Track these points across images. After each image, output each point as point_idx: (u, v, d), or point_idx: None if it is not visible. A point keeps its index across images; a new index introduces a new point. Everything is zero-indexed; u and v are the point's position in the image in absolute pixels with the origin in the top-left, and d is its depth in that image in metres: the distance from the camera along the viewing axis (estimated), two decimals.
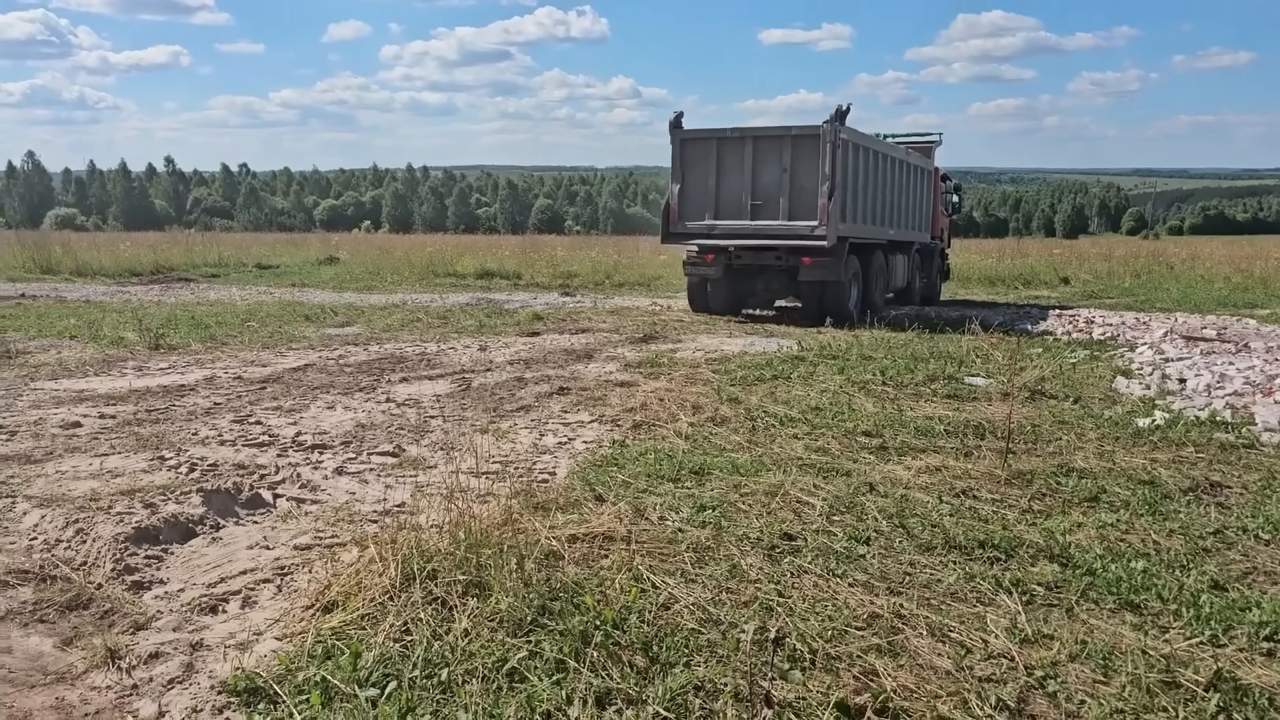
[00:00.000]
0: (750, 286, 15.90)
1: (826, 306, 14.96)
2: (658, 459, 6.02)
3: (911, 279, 19.54)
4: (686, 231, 15.53)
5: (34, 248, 27.70)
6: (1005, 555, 4.35)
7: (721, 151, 15.18)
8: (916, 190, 18.71)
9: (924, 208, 19.49)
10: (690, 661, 3.19)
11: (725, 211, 15.21)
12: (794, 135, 14.71)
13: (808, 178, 14.50)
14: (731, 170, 15.11)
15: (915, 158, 18.72)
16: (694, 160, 15.40)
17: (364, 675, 3.05)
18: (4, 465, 5.77)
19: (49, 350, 10.78)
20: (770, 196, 14.87)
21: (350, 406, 7.79)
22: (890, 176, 16.87)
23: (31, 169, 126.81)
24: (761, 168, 14.91)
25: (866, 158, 15.64)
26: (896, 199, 17.29)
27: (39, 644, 3.46)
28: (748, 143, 15.02)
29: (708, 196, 15.25)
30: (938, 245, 21.22)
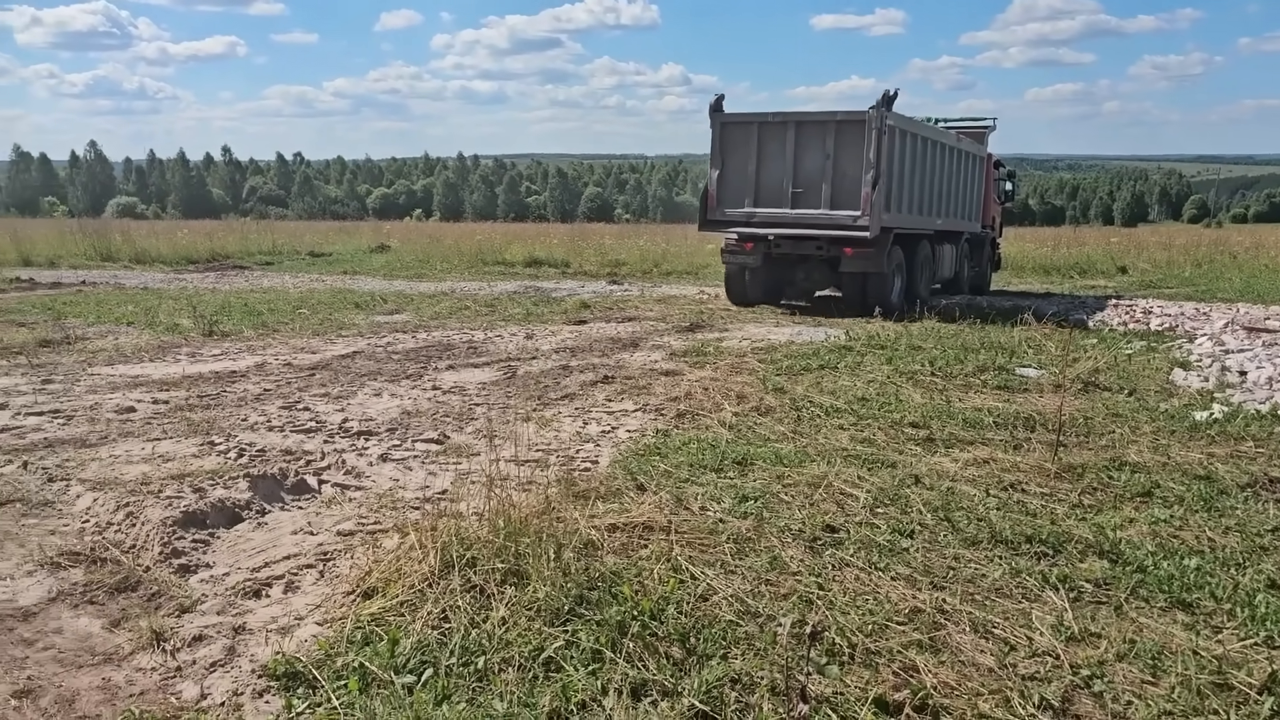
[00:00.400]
0: (790, 276, 15.51)
1: (868, 298, 14.50)
2: (700, 448, 5.99)
3: (960, 269, 18.88)
4: (725, 219, 15.06)
5: (95, 236, 28.32)
6: (1053, 551, 4.26)
7: (763, 136, 14.64)
8: (967, 178, 18.05)
9: (975, 196, 18.80)
10: (727, 654, 3.16)
11: (765, 199, 14.68)
12: (838, 120, 14.19)
13: (851, 165, 13.97)
14: (773, 156, 14.60)
15: (967, 144, 18.04)
16: (734, 145, 14.89)
17: (401, 662, 3.07)
18: (60, 449, 5.91)
19: (107, 336, 11.02)
20: (812, 184, 14.32)
21: (396, 394, 7.86)
22: (939, 164, 16.27)
23: (94, 158, 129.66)
24: (804, 154, 14.37)
25: (914, 145, 15.08)
26: (946, 187, 16.70)
27: (88, 625, 3.53)
28: (790, 128, 14.48)
29: (747, 183, 14.75)
30: (988, 234, 20.49)
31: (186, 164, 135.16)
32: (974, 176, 18.53)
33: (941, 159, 16.37)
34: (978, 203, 19.03)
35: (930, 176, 15.81)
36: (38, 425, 6.53)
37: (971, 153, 18.16)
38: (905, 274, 15.52)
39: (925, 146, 15.55)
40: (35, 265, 24.48)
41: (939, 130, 16.93)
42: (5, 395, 7.52)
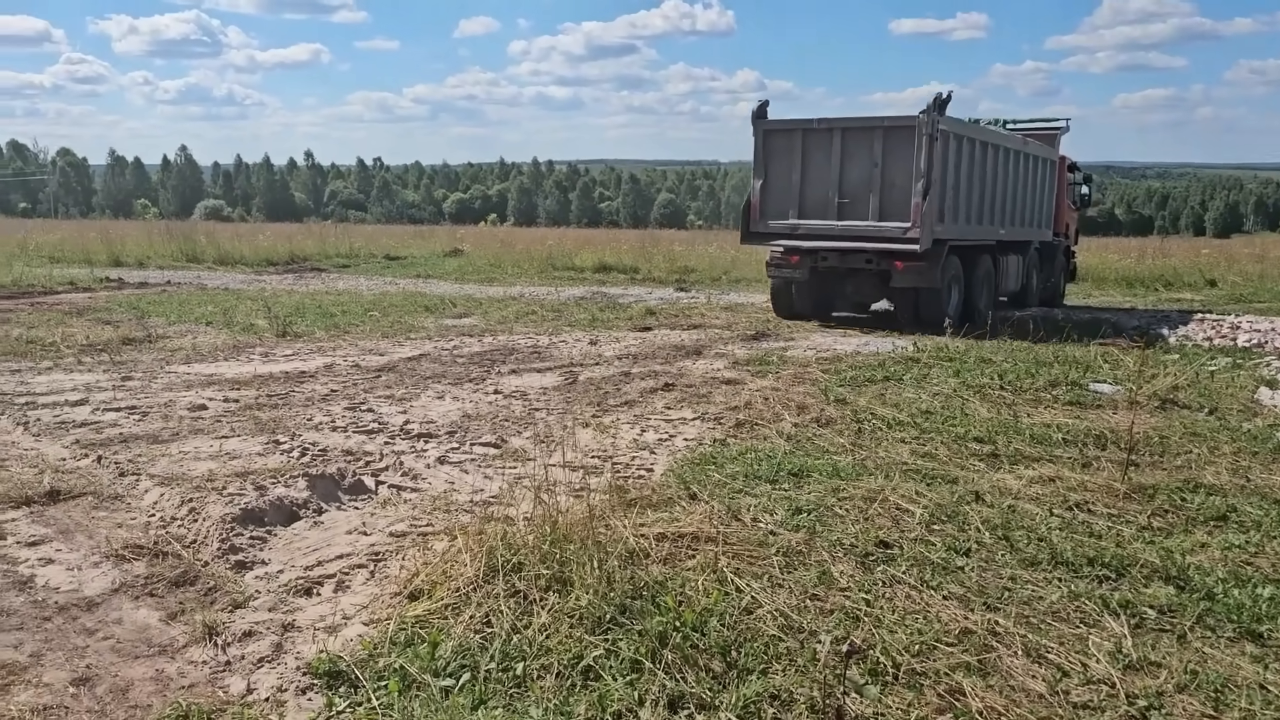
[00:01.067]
0: (839, 290, 14.78)
1: (921, 314, 13.81)
2: (757, 459, 5.94)
3: (1028, 281, 17.78)
4: (768, 231, 14.39)
5: (181, 238, 29.24)
6: (1116, 574, 4.12)
7: (807, 144, 13.91)
8: (1036, 183, 17.03)
9: (1044, 202, 17.69)
10: (768, 669, 3.12)
11: (810, 210, 13.97)
12: (886, 126, 13.42)
13: (901, 174, 13.17)
14: (818, 165, 13.84)
15: (1035, 147, 16.98)
16: (778, 153, 14.19)
17: (441, 665, 3.10)
18: (134, 444, 6.10)
19: (185, 335, 11.36)
20: (859, 194, 13.56)
21: (459, 397, 7.95)
22: (1002, 170, 15.34)
23: (184, 163, 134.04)
24: (850, 162, 13.61)
25: (971, 150, 14.22)
26: (1010, 194, 15.77)
27: (146, 617, 3.63)
28: (836, 134, 13.73)
29: (791, 193, 14.04)
30: (1061, 243, 19.41)
31: (271, 168, 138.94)
32: (1044, 181, 17.50)
33: (1004, 164, 15.48)
34: (1048, 209, 18.04)
35: (991, 183, 15.01)
36: (114, 421, 6.76)
37: (1040, 156, 17.22)
38: (963, 288, 14.75)
39: (984, 151, 14.72)
40: (125, 265, 25.36)
41: (1001, 133, 16.16)
42: (87, 391, 7.80)
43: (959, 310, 14.39)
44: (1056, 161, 18.22)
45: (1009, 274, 16.65)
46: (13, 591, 3.85)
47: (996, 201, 15.21)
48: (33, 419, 6.78)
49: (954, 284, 14.39)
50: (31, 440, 6.27)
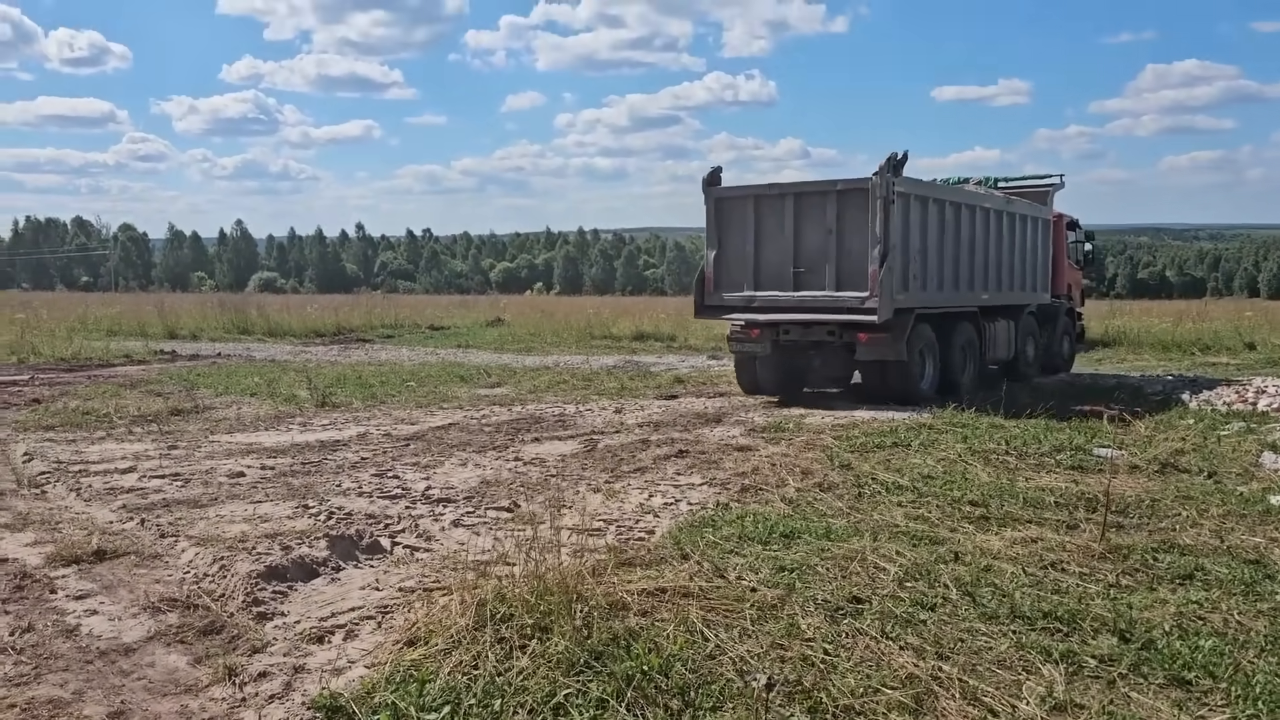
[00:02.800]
0: (805, 364, 14.12)
1: (891, 388, 13.11)
2: (754, 522, 6.28)
3: (1021, 348, 16.56)
4: (723, 304, 13.63)
5: (233, 311, 30.41)
6: (1067, 627, 4.40)
7: (760, 211, 13.29)
8: (1025, 243, 16.17)
9: (1038, 263, 16.80)
10: (719, 707, 3.47)
11: (766, 280, 13.26)
12: (839, 190, 12.74)
13: (857, 240, 12.51)
14: (772, 233, 13.20)
15: (1021, 205, 16.18)
16: (731, 222, 13.54)
17: (428, 701, 3.49)
18: (175, 508, 6.62)
19: (231, 406, 12.00)
20: (815, 263, 12.87)
21: (480, 464, 8.40)
22: (980, 231, 14.60)
23: (239, 236, 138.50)
24: (805, 229, 12.95)
25: (940, 212, 13.53)
26: (993, 256, 15.00)
27: (175, 661, 4.08)
28: (788, 200, 13.07)
29: (746, 263, 13.36)
30: (1063, 305, 18.40)
31: (323, 240, 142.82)
32: (1035, 241, 16.64)
33: (983, 225, 14.71)
34: (1043, 270, 17.10)
35: (968, 246, 14.26)
36: (159, 487, 7.30)
37: (1028, 215, 16.36)
38: (938, 358, 13.80)
39: (955, 213, 13.98)
40: (179, 338, 26.42)
41: (974, 193, 15.39)
42: (135, 459, 8.37)
43: (934, 382, 13.70)
44: (1050, 220, 17.47)
45: (998, 341, 15.62)
46: (60, 638, 4.33)
47: (976, 265, 14.55)
48: (84, 485, 7.34)
49: (927, 354, 13.63)
50: (83, 505, 6.81)
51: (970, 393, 13.81)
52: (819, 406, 12.62)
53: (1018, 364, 16.32)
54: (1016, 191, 17.09)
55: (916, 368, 13.18)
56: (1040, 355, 17.34)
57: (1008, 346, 15.95)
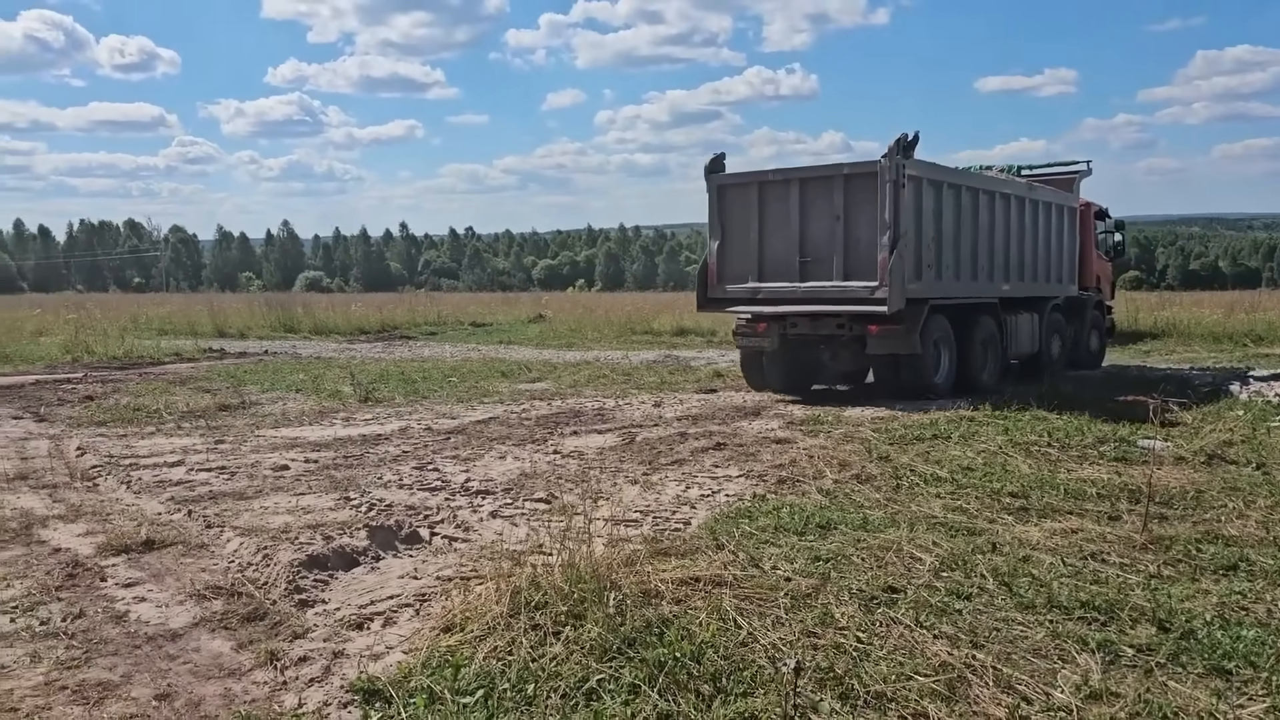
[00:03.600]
0: (814, 359, 13.43)
1: (904, 384, 12.46)
2: (790, 513, 6.28)
3: (1046, 342, 15.62)
4: (726, 296, 13.04)
5: (280, 309, 30.89)
6: (1106, 617, 4.36)
7: (764, 198, 12.63)
8: (1049, 232, 15.38)
9: (1063, 253, 15.96)
10: (750, 693, 3.49)
11: (771, 271, 12.63)
12: (846, 175, 12.08)
13: (865, 227, 11.86)
14: (777, 221, 12.54)
15: (1045, 192, 15.30)
16: (734, 210, 12.92)
17: (463, 685, 3.55)
18: (221, 500, 6.76)
19: (276, 402, 12.21)
20: (822, 251, 12.24)
21: (520, 457, 8.47)
22: (1001, 218, 13.82)
23: (286, 236, 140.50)
24: (811, 217, 12.29)
25: (954, 198, 12.79)
26: (1015, 245, 14.21)
27: (220, 646, 4.18)
28: (793, 187, 12.41)
29: (750, 253, 12.73)
30: (1091, 297, 17.44)
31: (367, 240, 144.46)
32: (1060, 230, 15.85)
33: (1003, 212, 13.91)
34: (1070, 261, 16.26)
35: (987, 234, 13.52)
36: (206, 480, 7.46)
37: (1052, 203, 15.50)
38: (954, 352, 13.05)
39: (973, 198, 13.23)
40: (228, 336, 26.89)
41: (994, 178, 14.51)
42: (184, 453, 8.56)
43: (950, 377, 12.97)
44: (1076, 208, 16.61)
45: (1020, 335, 14.73)
46: (110, 624, 4.46)
47: (996, 254, 13.80)
48: (135, 479, 7.53)
49: (942, 348, 12.89)
50: (133, 497, 6.98)
51: (991, 389, 13.13)
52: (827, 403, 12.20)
53: (1042, 359, 15.53)
54: (1041, 179, 16.26)
55: (931, 362, 12.57)
56: (1067, 351, 16.51)
57: (1031, 341, 15.12)
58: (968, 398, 12.27)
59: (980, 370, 13.47)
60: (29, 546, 5.72)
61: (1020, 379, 14.31)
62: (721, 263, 13.02)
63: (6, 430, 9.96)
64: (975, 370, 13.33)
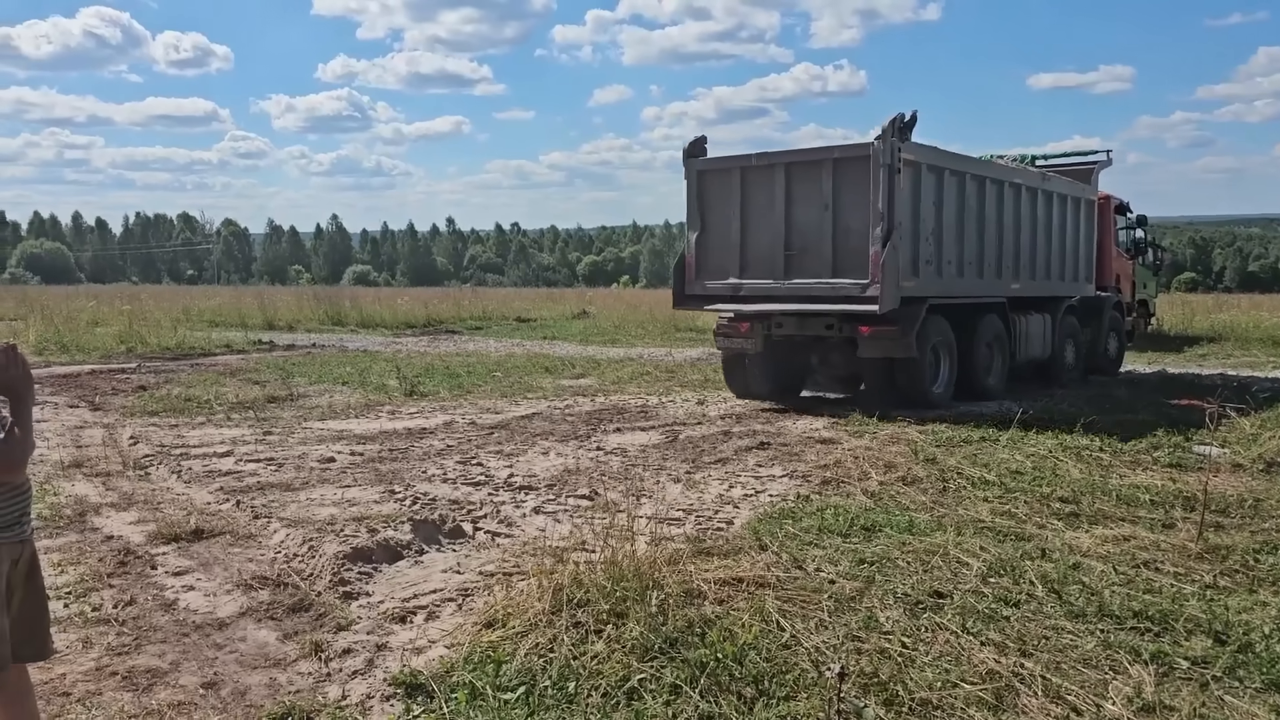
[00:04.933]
0: (803, 363, 12.46)
1: (899, 390, 11.43)
2: (834, 514, 6.22)
3: (1059, 347, 14.49)
4: (705, 293, 12.05)
5: (328, 303, 31.27)
6: (1159, 627, 4.26)
7: (747, 185, 11.58)
8: (1064, 226, 14.27)
9: (1079, 249, 14.84)
10: (792, 696, 3.45)
11: (754, 266, 11.62)
12: (836, 159, 11.02)
13: (856, 217, 10.80)
14: (760, 210, 11.51)
15: (1060, 183, 14.21)
16: (715, 198, 11.90)
17: (504, 681, 3.56)
18: (269, 491, 6.85)
19: (323, 394, 12.35)
20: (810, 245, 11.18)
21: (563, 453, 8.48)
22: (1010, 210, 12.77)
23: (335, 230, 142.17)
24: (798, 205, 11.24)
25: (958, 186, 11.78)
26: (1026, 240, 13.21)
27: (266, 636, 4.23)
28: (778, 172, 11.36)
29: (731, 246, 11.73)
30: (1109, 298, 16.29)
31: (415, 234, 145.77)
32: (1077, 225, 14.73)
33: (1013, 203, 12.85)
34: (1086, 257, 15.13)
35: (994, 227, 12.48)
36: (254, 471, 7.56)
37: (1068, 195, 14.38)
38: (954, 357, 12.03)
39: (979, 187, 12.16)
40: (277, 329, 27.25)
41: (1002, 166, 13.41)
42: (232, 444, 8.68)
43: (950, 385, 11.99)
44: (1094, 201, 15.46)
45: (1030, 338, 13.63)
46: (160, 612, 4.52)
47: (1005, 249, 12.75)
48: (185, 468, 7.65)
49: (941, 352, 11.88)
50: (183, 487, 7.10)
51: (997, 396, 12.44)
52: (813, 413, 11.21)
53: (1055, 364, 14.50)
54: (1057, 169, 15.17)
55: (928, 367, 11.55)
56: (1082, 355, 15.38)
57: (1042, 345, 14.03)
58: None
59: (985, 375, 12.57)
60: (83, 533, 5.83)
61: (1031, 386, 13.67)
62: (700, 256, 12.06)
63: (63, 418, 10.18)
64: (979, 375, 12.42)
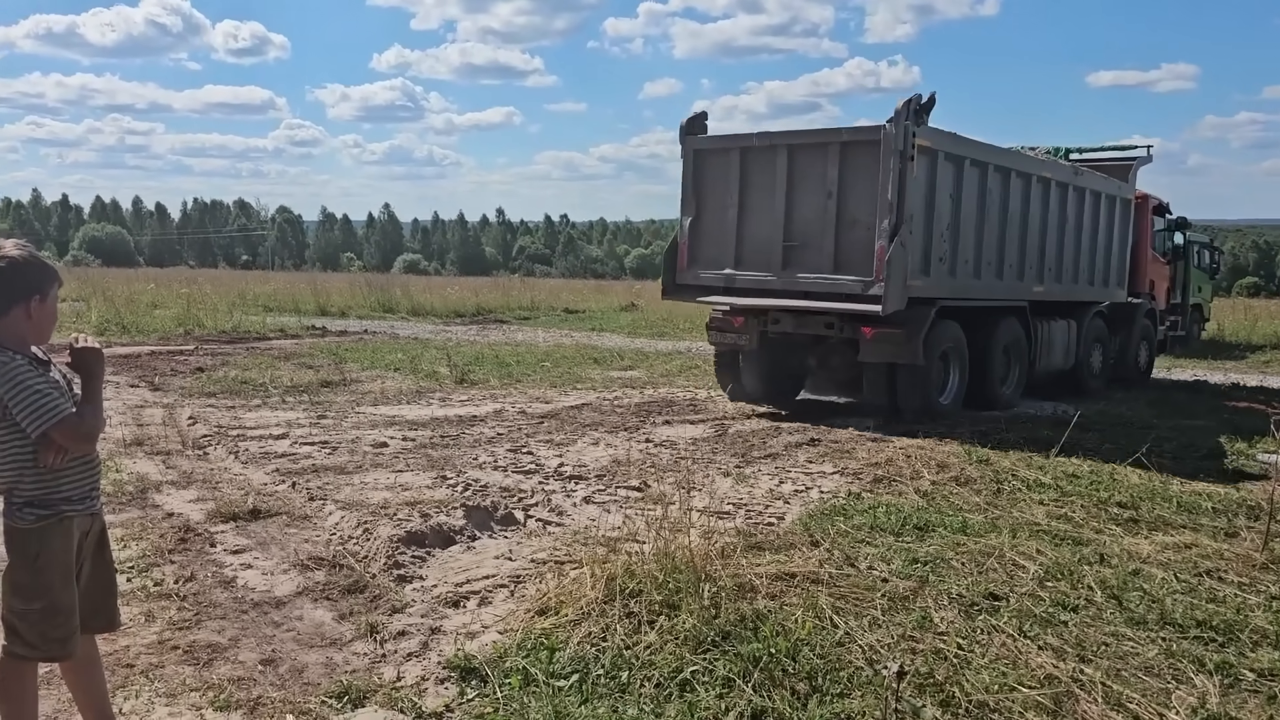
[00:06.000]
0: (800, 363, 11.38)
1: (901, 399, 10.36)
2: (886, 512, 6.17)
3: (1085, 355, 13.35)
4: (698, 284, 11.11)
5: (379, 290, 31.57)
6: (1224, 637, 4.16)
7: (747, 168, 10.63)
8: (1096, 226, 13.15)
9: (1112, 251, 13.69)
10: (847, 694, 3.42)
11: (750, 256, 10.66)
12: (844, 142, 10.00)
13: (863, 208, 9.81)
14: (760, 196, 10.53)
15: (1094, 179, 13.03)
16: (712, 181, 10.94)
17: (558, 668, 3.58)
18: (324, 474, 6.94)
19: (376, 380, 12.49)
20: (811, 235, 10.19)
21: (612, 444, 8.50)
22: (1037, 206, 11.76)
23: (386, 219, 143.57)
24: (800, 192, 10.26)
25: (979, 178, 10.76)
26: (1053, 239, 12.17)
27: (322, 616, 4.29)
28: (780, 155, 10.36)
29: (727, 234, 10.78)
30: (1143, 305, 15.05)
31: (465, 224, 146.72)
32: (1110, 225, 13.58)
33: (1040, 199, 11.82)
34: (1119, 261, 13.99)
35: (1018, 224, 11.50)
36: (309, 454, 7.66)
37: (1102, 192, 13.23)
38: (965, 365, 11.00)
39: (1003, 180, 11.14)
40: (329, 315, 27.59)
41: (1029, 158, 12.28)
42: (288, 427, 8.81)
43: (958, 394, 10.97)
44: (1131, 200, 14.25)
45: (1054, 346, 12.54)
46: (219, 589, 4.60)
47: (1029, 249, 11.75)
48: (242, 449, 7.77)
49: (951, 360, 10.89)
50: (240, 467, 7.22)
51: (1012, 407, 11.51)
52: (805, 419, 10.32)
53: (1080, 374, 13.34)
54: (1092, 164, 13.96)
55: (936, 375, 10.53)
56: (1109, 365, 14.24)
57: (1065, 353, 12.88)
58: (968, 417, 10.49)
59: (1000, 385, 11.57)
60: (144, 510, 5.95)
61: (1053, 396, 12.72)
62: (694, 243, 11.10)
63: (124, 398, 10.39)
64: (994, 385, 11.41)
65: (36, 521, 2.78)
